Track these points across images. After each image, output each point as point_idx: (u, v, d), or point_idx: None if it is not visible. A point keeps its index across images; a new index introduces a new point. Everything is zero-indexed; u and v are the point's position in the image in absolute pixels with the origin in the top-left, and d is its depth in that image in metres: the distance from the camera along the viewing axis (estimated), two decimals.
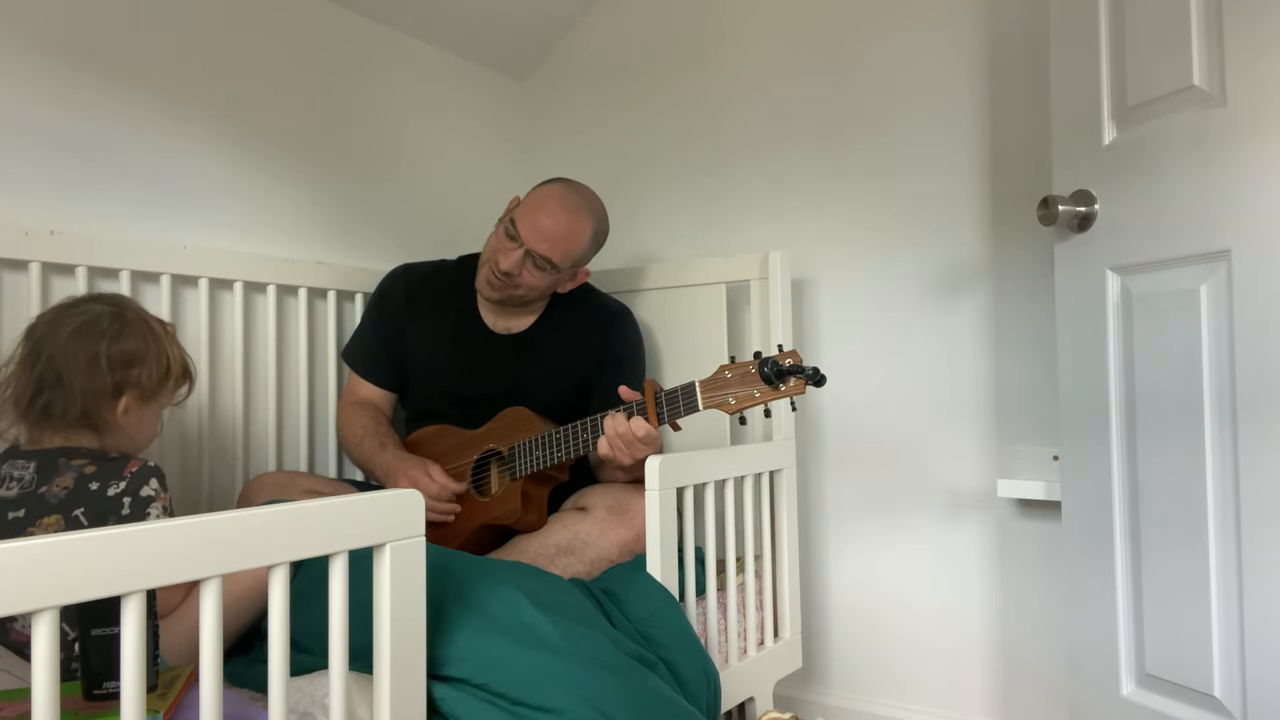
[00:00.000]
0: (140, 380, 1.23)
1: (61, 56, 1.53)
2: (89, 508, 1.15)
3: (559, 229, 1.65)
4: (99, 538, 0.69)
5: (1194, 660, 1.27)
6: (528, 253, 1.64)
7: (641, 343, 1.87)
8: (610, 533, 1.56)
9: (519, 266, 1.65)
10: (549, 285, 1.73)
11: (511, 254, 1.65)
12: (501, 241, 1.67)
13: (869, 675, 1.95)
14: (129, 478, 1.18)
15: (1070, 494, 1.48)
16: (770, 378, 1.34)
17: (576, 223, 1.68)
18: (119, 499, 1.16)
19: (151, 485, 1.18)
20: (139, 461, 1.20)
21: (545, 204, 1.67)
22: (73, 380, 1.18)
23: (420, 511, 0.94)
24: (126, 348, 1.22)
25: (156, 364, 1.25)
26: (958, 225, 1.85)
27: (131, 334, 1.23)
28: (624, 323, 1.84)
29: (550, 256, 1.65)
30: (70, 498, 1.15)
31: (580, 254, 1.71)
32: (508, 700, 1.08)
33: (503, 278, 1.67)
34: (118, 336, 1.22)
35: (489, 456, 1.68)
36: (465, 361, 1.78)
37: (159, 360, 1.25)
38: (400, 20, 2.10)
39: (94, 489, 1.16)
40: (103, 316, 1.22)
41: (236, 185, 1.78)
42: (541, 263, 1.65)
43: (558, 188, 1.71)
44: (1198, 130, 1.26)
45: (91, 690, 0.88)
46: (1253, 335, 1.19)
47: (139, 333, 1.24)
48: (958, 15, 1.85)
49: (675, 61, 2.22)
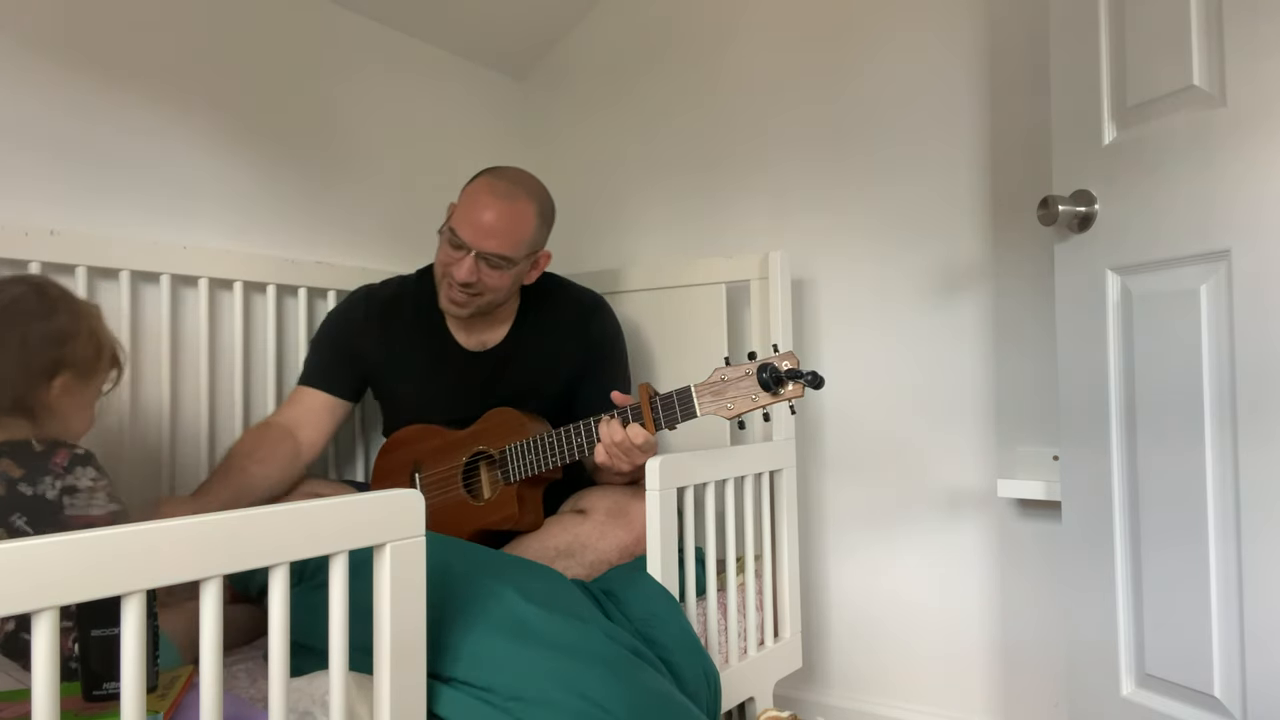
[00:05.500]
0: (75, 358, 1.16)
1: (61, 57, 1.53)
2: (28, 513, 1.07)
3: (500, 220, 1.58)
4: (99, 538, 0.69)
5: (1194, 660, 1.27)
6: (478, 255, 1.57)
7: (620, 331, 1.83)
8: (610, 535, 1.55)
9: (474, 273, 1.57)
10: (513, 281, 1.65)
11: (463, 262, 1.57)
12: (448, 253, 1.60)
13: (869, 675, 1.95)
14: (61, 473, 1.10)
15: (1070, 494, 1.48)
16: (769, 383, 1.33)
17: (515, 207, 1.60)
18: (59, 500, 1.09)
19: (89, 475, 1.11)
20: (65, 452, 1.12)
21: (478, 199, 1.60)
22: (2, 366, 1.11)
23: (420, 511, 0.94)
24: (56, 325, 1.15)
25: (89, 341, 1.18)
26: (958, 225, 1.85)
27: (59, 311, 1.16)
28: (601, 314, 1.79)
29: (501, 252, 1.58)
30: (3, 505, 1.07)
31: (532, 238, 1.63)
32: (501, 696, 1.08)
33: (463, 290, 1.60)
34: (46, 315, 1.15)
35: (477, 459, 1.66)
36: (443, 386, 1.71)
37: (90, 338, 1.19)
38: (400, 20, 2.10)
39: (28, 494, 1.08)
40: (26, 296, 1.15)
41: (237, 185, 1.78)
42: (496, 261, 1.58)
43: (484, 179, 1.63)
44: (1198, 130, 1.26)
45: (91, 691, 0.88)
46: (1253, 335, 1.19)
47: (67, 310, 1.17)
48: (958, 14, 1.85)
49: (675, 61, 2.22)
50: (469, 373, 1.72)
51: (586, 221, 2.34)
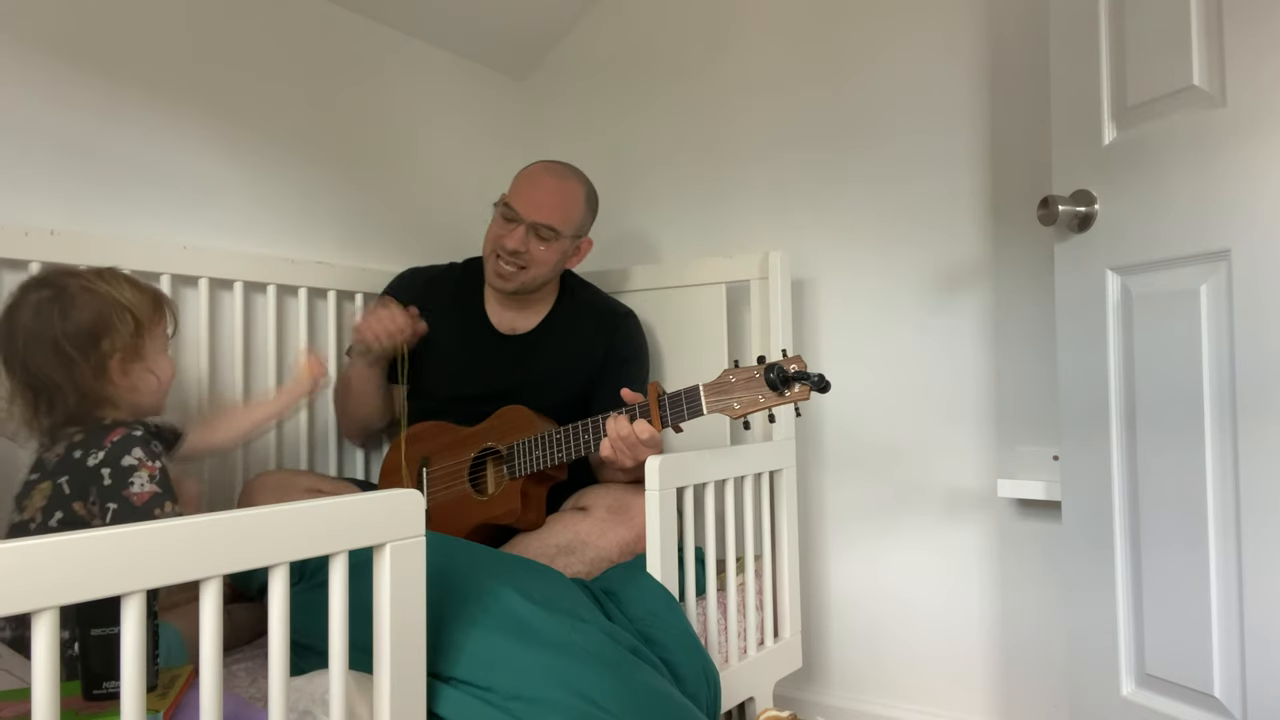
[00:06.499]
0: (117, 343, 1.18)
1: (62, 56, 1.53)
2: (72, 476, 1.13)
3: (553, 195, 1.72)
4: (99, 538, 0.69)
5: (1194, 660, 1.27)
6: (530, 226, 1.69)
7: (645, 345, 1.88)
8: (610, 533, 1.56)
9: (524, 243, 1.69)
10: (558, 258, 1.75)
11: (514, 232, 1.69)
12: (500, 226, 1.72)
13: (869, 675, 1.95)
14: (109, 447, 1.14)
15: (1070, 494, 1.48)
16: (776, 383, 1.34)
17: (567, 186, 1.75)
18: (98, 470, 1.13)
19: (134, 455, 1.14)
20: (122, 430, 1.16)
21: (533, 178, 1.75)
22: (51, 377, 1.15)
23: (420, 511, 0.94)
24: (81, 324, 1.17)
25: (121, 321, 1.19)
26: (958, 225, 1.85)
27: (78, 306, 1.17)
28: (628, 325, 1.85)
29: (552, 224, 1.70)
30: (59, 465, 1.15)
31: (579, 219, 1.76)
32: (501, 695, 1.08)
33: (511, 258, 1.70)
34: (62, 316, 1.16)
35: (485, 455, 1.68)
36: (470, 363, 1.78)
37: (121, 316, 1.19)
38: (401, 20, 2.10)
39: (77, 458, 1.14)
40: (40, 304, 1.17)
41: (237, 185, 1.78)
42: (545, 232, 1.70)
43: (540, 164, 1.79)
44: (1198, 130, 1.26)
45: (91, 690, 0.88)
46: (1253, 335, 1.19)
47: (85, 301, 1.18)
48: (958, 14, 1.85)
49: (676, 62, 2.22)
50: (495, 353, 1.79)
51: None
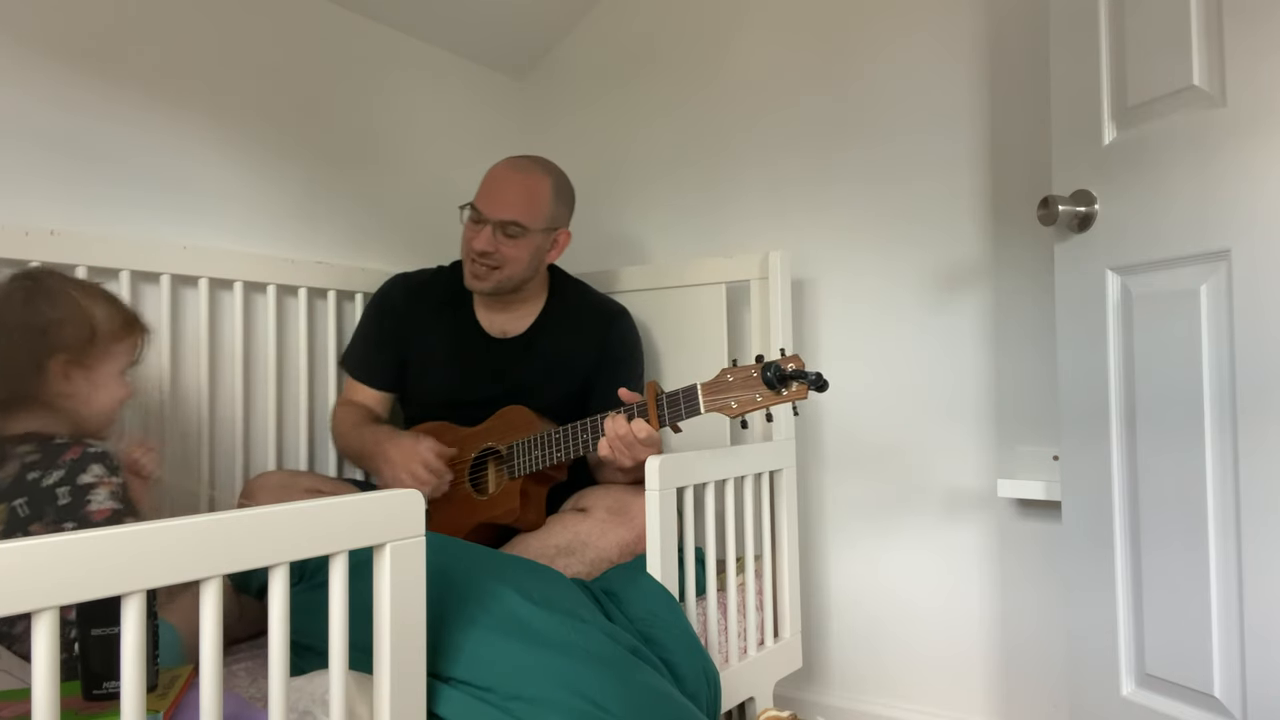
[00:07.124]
0: (63, 342, 1.16)
1: (62, 57, 1.53)
2: (30, 498, 1.10)
3: (516, 191, 1.69)
4: (99, 538, 0.69)
5: (1194, 660, 1.27)
6: (496, 224, 1.67)
7: (639, 343, 1.87)
8: (610, 533, 1.56)
9: (492, 242, 1.67)
10: (531, 254, 1.72)
11: (482, 233, 1.67)
12: (470, 229, 1.71)
13: (869, 675, 1.95)
14: (66, 465, 1.11)
15: (1070, 494, 1.48)
16: (773, 382, 1.34)
17: (530, 179, 1.71)
18: (53, 490, 1.10)
19: (92, 471, 1.12)
20: (79, 448, 1.14)
21: (495, 176, 1.73)
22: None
23: (420, 511, 0.94)
24: (36, 315, 1.15)
25: (75, 324, 1.17)
26: (958, 225, 1.85)
27: (41, 300, 1.16)
28: (622, 323, 1.84)
29: (517, 219, 1.67)
30: (13, 487, 1.11)
31: (549, 211, 1.72)
32: (501, 696, 1.08)
33: (482, 259, 1.68)
34: (25, 304, 1.16)
35: (486, 455, 1.68)
36: (464, 369, 1.77)
37: (77, 320, 1.17)
38: (400, 20, 2.10)
39: (32, 479, 1.11)
40: (13, 293, 1.17)
41: (236, 185, 1.78)
42: (513, 229, 1.67)
43: (504, 161, 1.77)
44: (1198, 130, 1.26)
45: (91, 690, 0.88)
46: (1253, 335, 1.19)
47: (51, 299, 1.17)
48: (958, 14, 1.85)
49: (675, 61, 2.22)
50: (488, 357, 1.78)
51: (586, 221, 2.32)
